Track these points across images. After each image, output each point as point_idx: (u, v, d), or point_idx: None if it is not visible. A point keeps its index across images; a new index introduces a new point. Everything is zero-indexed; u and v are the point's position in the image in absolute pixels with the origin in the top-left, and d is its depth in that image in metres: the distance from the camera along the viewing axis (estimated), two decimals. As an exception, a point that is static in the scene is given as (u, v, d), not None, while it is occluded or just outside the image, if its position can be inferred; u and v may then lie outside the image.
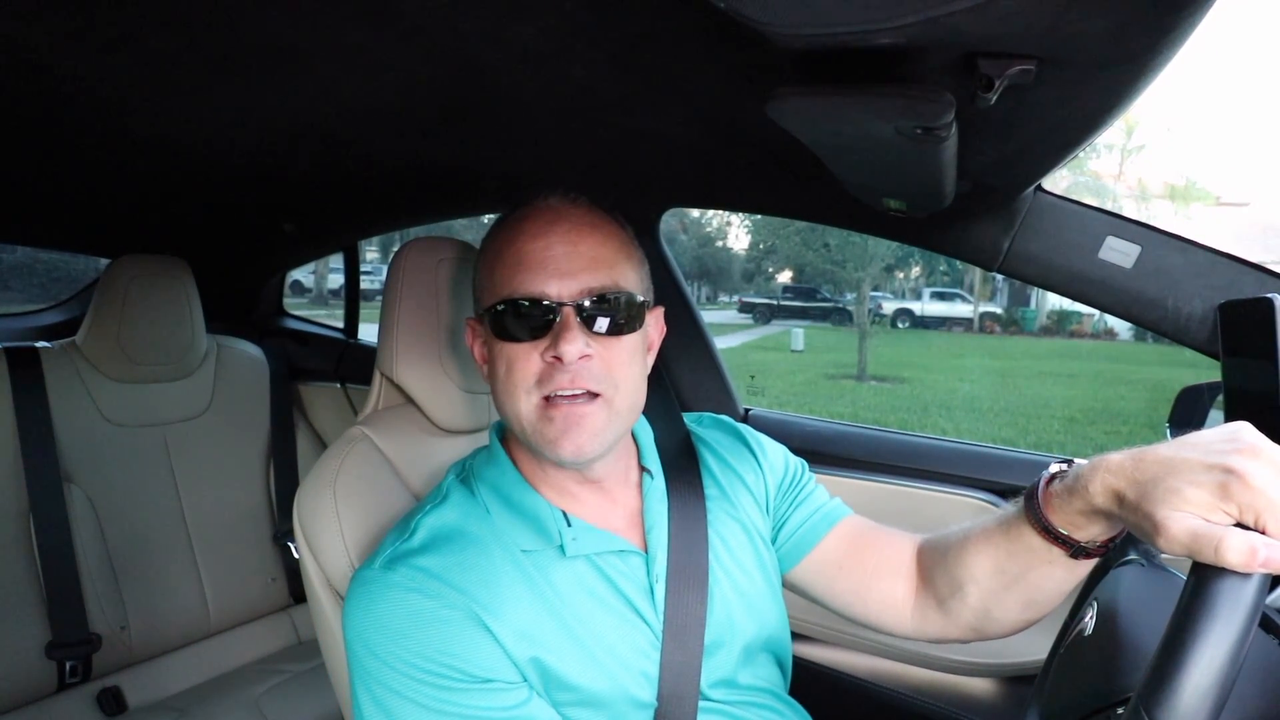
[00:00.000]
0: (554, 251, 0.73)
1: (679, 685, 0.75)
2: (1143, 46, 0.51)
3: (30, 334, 1.97)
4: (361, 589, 0.71)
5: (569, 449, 0.72)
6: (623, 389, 0.75)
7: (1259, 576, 0.46)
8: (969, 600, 0.77)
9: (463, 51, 0.80)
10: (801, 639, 1.35)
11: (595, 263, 0.74)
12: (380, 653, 0.67)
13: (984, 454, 1.29)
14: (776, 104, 0.61)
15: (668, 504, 0.82)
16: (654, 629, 0.76)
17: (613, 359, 0.74)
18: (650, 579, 0.78)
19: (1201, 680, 0.43)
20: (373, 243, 12.05)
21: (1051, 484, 0.67)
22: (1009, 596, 0.74)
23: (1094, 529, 0.64)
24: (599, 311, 0.73)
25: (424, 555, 0.71)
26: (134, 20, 0.74)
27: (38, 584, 1.43)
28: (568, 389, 0.72)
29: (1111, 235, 0.98)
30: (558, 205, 0.77)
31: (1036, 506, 0.67)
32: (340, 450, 0.91)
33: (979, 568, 0.75)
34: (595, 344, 0.73)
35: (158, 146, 1.19)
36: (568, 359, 0.71)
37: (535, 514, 0.77)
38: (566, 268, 0.73)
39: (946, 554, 0.80)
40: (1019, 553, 0.71)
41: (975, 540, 0.76)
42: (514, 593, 0.71)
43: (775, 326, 20.18)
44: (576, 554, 0.75)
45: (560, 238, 0.74)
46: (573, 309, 0.72)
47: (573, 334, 0.71)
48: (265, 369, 1.90)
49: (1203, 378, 1.04)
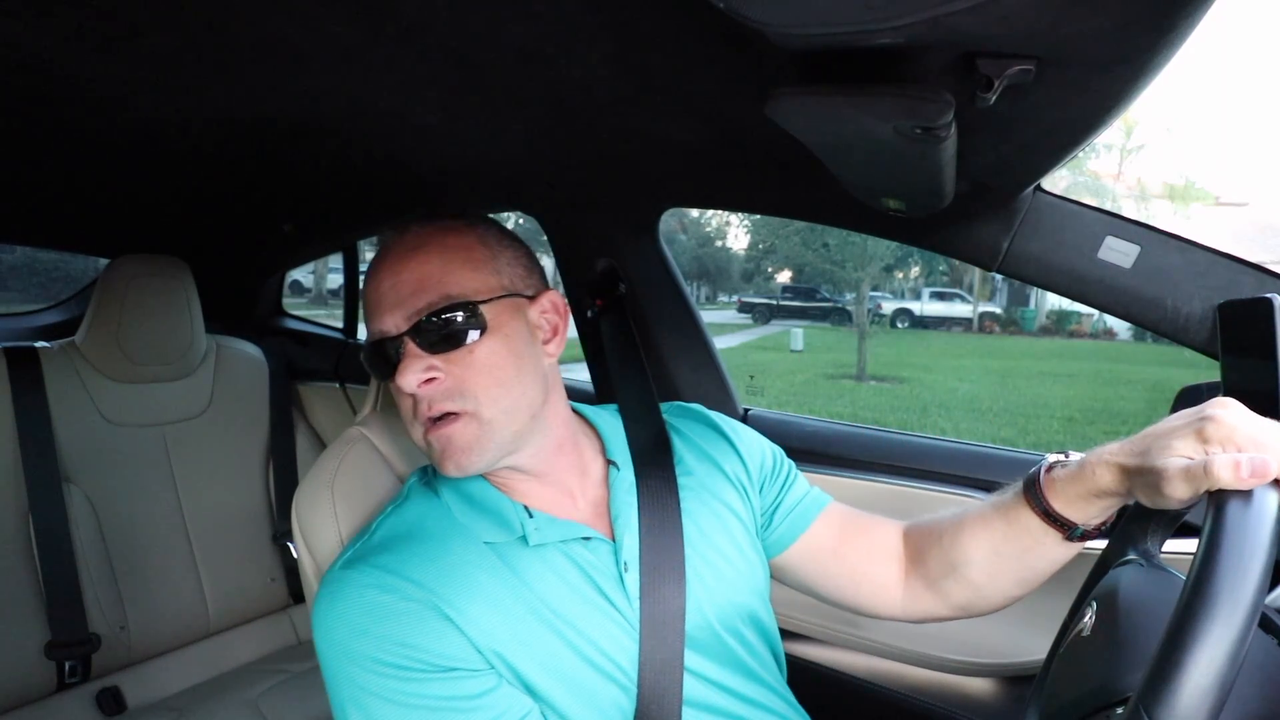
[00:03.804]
0: (382, 288, 0.75)
1: (660, 679, 0.74)
2: (1143, 46, 0.51)
3: (30, 334, 1.97)
4: (324, 590, 0.72)
5: (451, 468, 0.74)
6: (484, 399, 0.74)
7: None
8: (964, 579, 0.81)
9: (463, 51, 0.80)
10: (801, 639, 1.35)
11: (418, 285, 0.74)
12: (344, 649, 0.68)
13: (984, 454, 1.29)
14: (776, 104, 0.61)
15: (636, 495, 0.82)
16: (628, 619, 0.76)
17: (464, 373, 0.74)
18: (619, 566, 0.77)
19: (1212, 658, 0.44)
20: (372, 243, 12.03)
21: (1052, 470, 0.73)
22: (1003, 576, 0.79)
23: (1091, 511, 0.71)
24: (431, 330, 0.73)
25: (382, 553, 0.72)
26: (132, 19, 0.74)
27: (37, 584, 1.43)
28: (430, 415, 0.74)
29: (1111, 235, 0.98)
30: (390, 240, 0.78)
31: (1038, 490, 0.73)
32: (339, 450, 0.91)
33: (975, 550, 0.80)
34: (443, 362, 0.73)
35: (157, 146, 1.19)
36: (406, 389, 0.72)
37: (497, 508, 0.78)
38: (393, 299, 0.74)
39: (941, 537, 0.83)
40: (1016, 535, 0.76)
41: (971, 523, 0.81)
42: (477, 582, 0.72)
43: (774, 326, 20.19)
44: (540, 542, 0.75)
45: (387, 272, 0.75)
46: (409, 337, 0.73)
47: (407, 363, 0.72)
48: (264, 369, 1.89)
49: (1202, 378, 1.03)
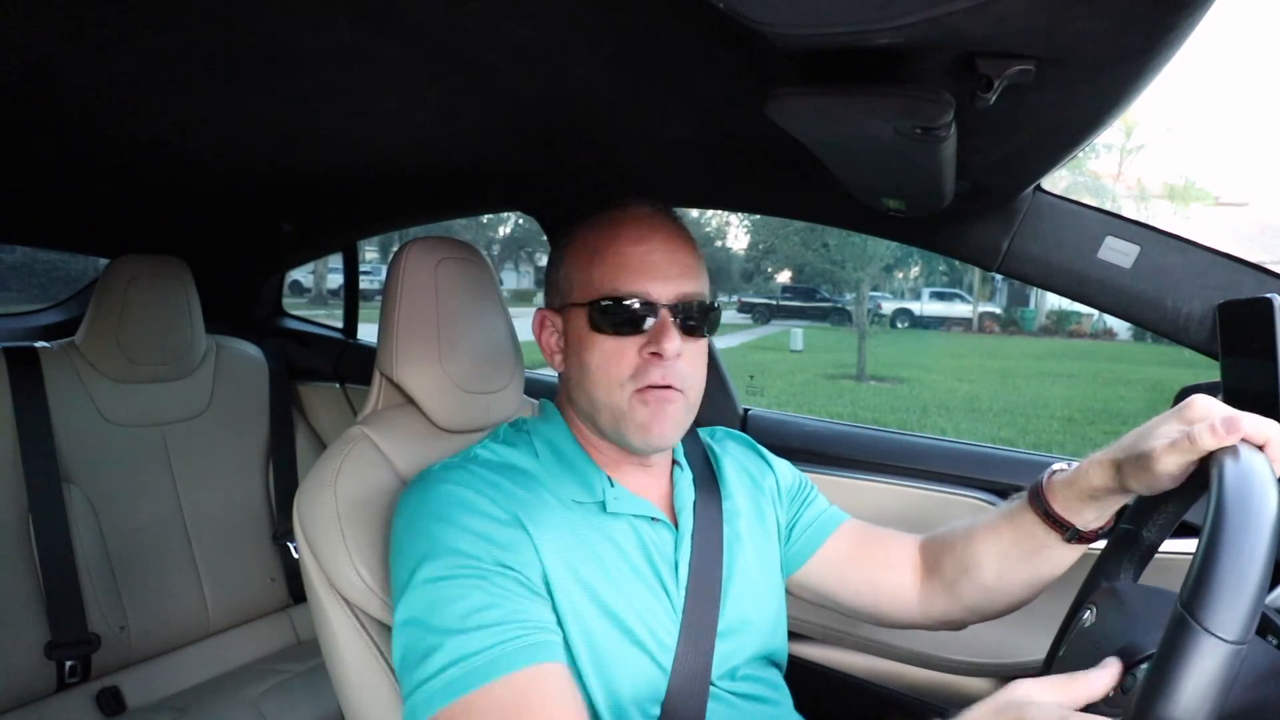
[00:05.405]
0: (655, 256, 0.80)
1: (693, 663, 0.79)
2: (1142, 46, 0.51)
3: (29, 334, 1.96)
4: (418, 481, 0.79)
5: (656, 435, 0.79)
6: (696, 387, 0.83)
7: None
8: (975, 581, 0.88)
9: (463, 51, 0.80)
10: (801, 639, 1.35)
11: (687, 270, 0.81)
12: (422, 531, 0.73)
13: (983, 454, 1.29)
14: (775, 104, 0.61)
15: (694, 494, 0.89)
16: (674, 603, 0.80)
17: (693, 359, 0.82)
18: (677, 553, 0.83)
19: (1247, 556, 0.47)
20: (372, 243, 12.05)
21: (1053, 476, 0.81)
22: (1011, 577, 0.85)
23: (1087, 513, 0.77)
24: (689, 315, 0.80)
25: (481, 466, 0.79)
26: (133, 20, 0.74)
27: (37, 584, 1.43)
28: (660, 383, 0.78)
29: (1110, 235, 0.99)
30: (651, 212, 0.83)
31: (1041, 495, 0.80)
32: (340, 450, 0.91)
33: (986, 553, 0.86)
34: (683, 344, 0.79)
35: (157, 146, 1.19)
36: (668, 355, 0.77)
37: (584, 471, 0.83)
38: (666, 272, 0.80)
39: (955, 544, 0.90)
40: (1021, 539, 0.83)
41: (981, 530, 0.88)
42: (558, 524, 0.77)
43: (774, 326, 20.20)
44: (618, 511, 0.81)
45: (660, 244, 0.81)
46: (669, 310, 0.79)
47: (671, 334, 0.78)
48: (264, 369, 1.89)
49: (1202, 377, 1.03)
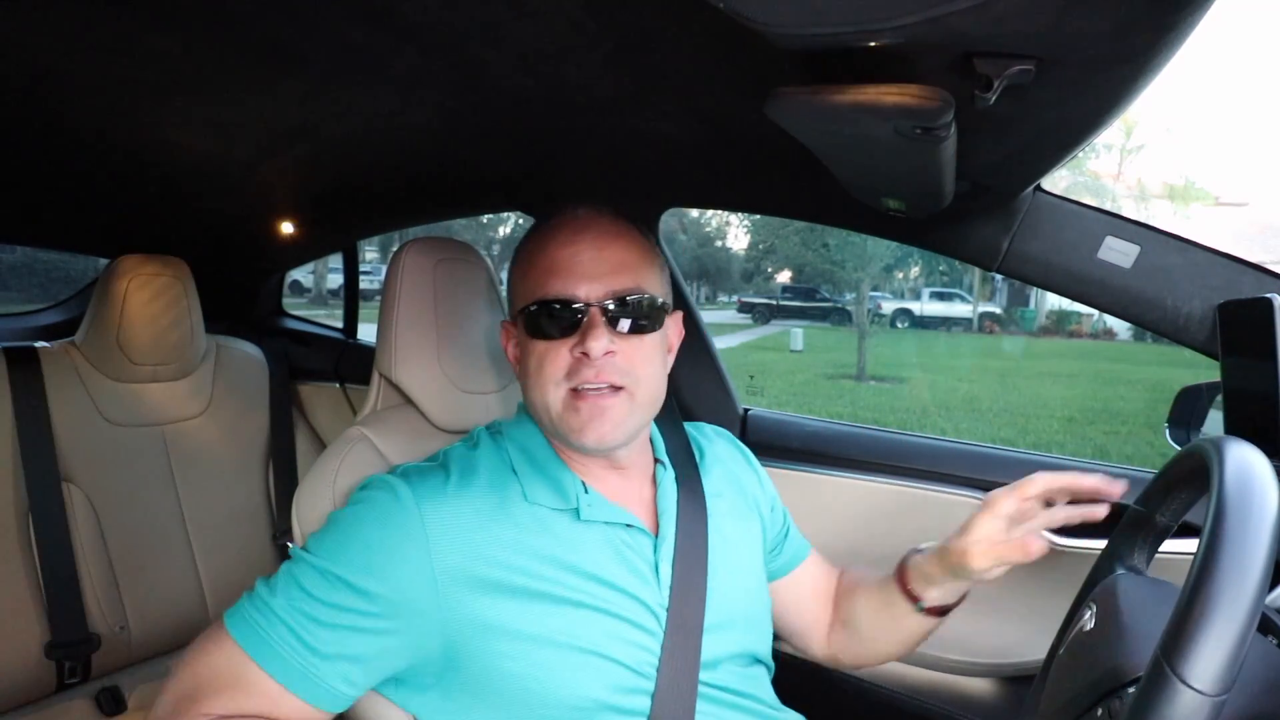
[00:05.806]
0: (582, 257, 0.80)
1: (678, 666, 0.78)
2: (1143, 46, 0.51)
3: (29, 334, 1.96)
4: (379, 476, 0.81)
5: (592, 437, 0.78)
6: (644, 383, 0.80)
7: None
8: (854, 631, 0.98)
9: (463, 51, 0.80)
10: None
11: (619, 267, 0.80)
12: (343, 518, 0.76)
13: (983, 454, 1.29)
14: (775, 104, 0.61)
15: (677, 495, 0.88)
16: (652, 610, 0.79)
17: (635, 355, 0.80)
18: (656, 558, 0.82)
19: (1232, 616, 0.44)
20: (372, 243, 12.05)
21: (915, 554, 0.90)
22: (878, 634, 0.95)
23: (932, 593, 0.87)
24: (622, 312, 0.79)
25: (442, 472, 0.79)
26: (133, 21, 0.74)
27: (37, 584, 1.43)
28: (593, 382, 0.78)
29: (1110, 235, 0.99)
30: (585, 215, 0.83)
31: (903, 566, 0.91)
32: (339, 450, 0.91)
33: (863, 609, 0.96)
34: (619, 341, 0.79)
35: (157, 146, 1.19)
36: (594, 354, 0.77)
37: (557, 477, 0.82)
38: (593, 271, 0.79)
39: (850, 592, 1.00)
40: (886, 604, 0.92)
41: (865, 586, 0.97)
42: (511, 533, 0.76)
43: (774, 326, 20.17)
44: (590, 519, 0.80)
45: (588, 244, 0.80)
46: (599, 309, 0.78)
47: (598, 331, 0.77)
48: (264, 369, 1.89)
49: (1202, 378, 1.04)
